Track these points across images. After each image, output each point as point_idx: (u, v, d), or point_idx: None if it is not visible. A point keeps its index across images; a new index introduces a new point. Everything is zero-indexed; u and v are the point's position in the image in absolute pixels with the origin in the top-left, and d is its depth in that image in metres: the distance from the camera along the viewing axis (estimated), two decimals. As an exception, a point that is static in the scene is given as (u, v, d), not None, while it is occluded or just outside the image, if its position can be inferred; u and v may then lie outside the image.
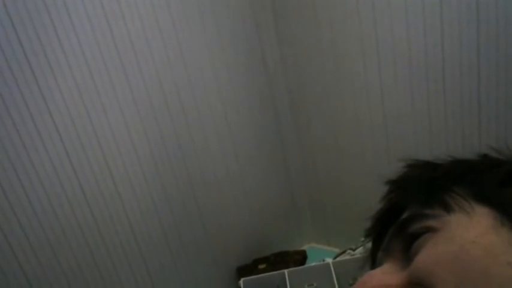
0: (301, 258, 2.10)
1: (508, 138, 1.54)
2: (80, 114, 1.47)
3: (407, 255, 0.31)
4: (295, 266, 1.96)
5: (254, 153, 2.08)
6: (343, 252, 1.96)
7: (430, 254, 0.29)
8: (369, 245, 0.39)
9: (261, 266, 2.02)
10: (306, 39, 1.94)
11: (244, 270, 2.01)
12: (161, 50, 1.66)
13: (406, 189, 0.36)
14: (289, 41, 2.01)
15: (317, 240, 2.37)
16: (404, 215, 0.33)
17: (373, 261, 0.38)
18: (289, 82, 2.10)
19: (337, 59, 1.88)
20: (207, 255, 1.95)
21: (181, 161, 1.79)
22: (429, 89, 1.66)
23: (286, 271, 1.83)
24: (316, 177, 2.23)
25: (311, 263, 2.03)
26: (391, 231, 0.34)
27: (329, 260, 1.87)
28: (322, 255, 2.12)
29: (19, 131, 1.34)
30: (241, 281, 1.85)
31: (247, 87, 2.01)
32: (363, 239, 1.91)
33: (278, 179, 2.22)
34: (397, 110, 1.78)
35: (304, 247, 2.32)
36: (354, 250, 1.91)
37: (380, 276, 0.32)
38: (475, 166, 0.34)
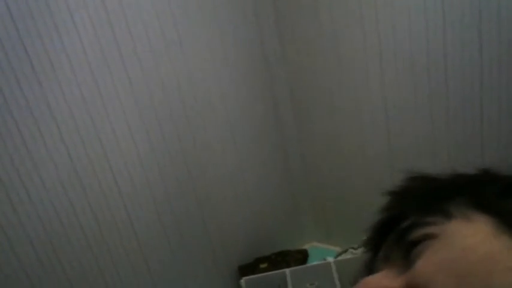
0: (302, 257, 2.10)
1: (511, 137, 1.53)
2: (81, 113, 1.47)
3: (407, 261, 0.31)
4: (296, 265, 1.96)
5: (255, 151, 2.08)
6: (345, 251, 1.96)
7: (431, 260, 0.29)
8: (366, 255, 0.39)
9: (262, 265, 2.02)
10: (307, 37, 1.94)
11: (246, 269, 2.01)
12: (161, 48, 1.66)
13: (406, 199, 0.36)
14: (291, 38, 2.01)
15: (318, 239, 2.37)
16: (405, 224, 0.34)
17: (369, 271, 0.38)
18: (291, 79, 2.10)
19: (339, 57, 1.87)
20: (208, 254, 1.95)
21: (182, 160, 1.78)
22: (431, 85, 1.65)
23: (287, 270, 1.83)
24: (318, 175, 2.23)
25: (312, 262, 2.03)
26: (391, 239, 0.35)
27: (330, 259, 1.86)
28: (323, 254, 2.12)
29: (21, 131, 1.34)
30: (242, 280, 1.85)
31: (248, 85, 2.00)
32: (364, 237, 1.90)
33: (279, 178, 2.22)
34: (399, 108, 1.78)
35: (306, 246, 2.32)
36: (355, 249, 1.91)
37: (378, 279, 0.32)
38: (475, 179, 0.35)
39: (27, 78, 1.33)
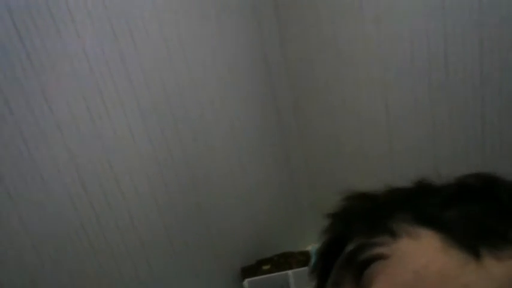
0: (305, 259, 2.10)
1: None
2: (82, 113, 1.47)
3: (358, 284, 0.30)
4: (298, 267, 1.95)
5: (257, 154, 2.08)
6: (347, 252, 1.95)
7: (384, 286, 0.28)
8: (315, 282, 0.38)
9: (265, 267, 2.02)
10: (308, 40, 1.94)
11: (249, 271, 2.01)
12: (163, 51, 1.67)
13: (348, 220, 0.35)
14: (292, 41, 2.01)
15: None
16: (351, 246, 0.32)
17: None
18: (292, 82, 2.10)
19: (339, 59, 1.87)
20: (211, 256, 1.95)
21: (184, 162, 1.79)
22: (431, 83, 1.65)
23: (290, 272, 1.83)
24: (319, 177, 2.23)
25: (315, 263, 2.02)
26: (339, 263, 0.33)
27: (333, 261, 1.86)
28: (326, 255, 2.11)
29: (22, 131, 1.34)
30: (245, 282, 1.85)
31: (250, 88, 2.01)
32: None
33: (281, 180, 2.21)
34: (400, 108, 1.77)
35: (308, 248, 2.31)
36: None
37: None
38: (412, 193, 0.34)
39: (27, 78, 1.34)
